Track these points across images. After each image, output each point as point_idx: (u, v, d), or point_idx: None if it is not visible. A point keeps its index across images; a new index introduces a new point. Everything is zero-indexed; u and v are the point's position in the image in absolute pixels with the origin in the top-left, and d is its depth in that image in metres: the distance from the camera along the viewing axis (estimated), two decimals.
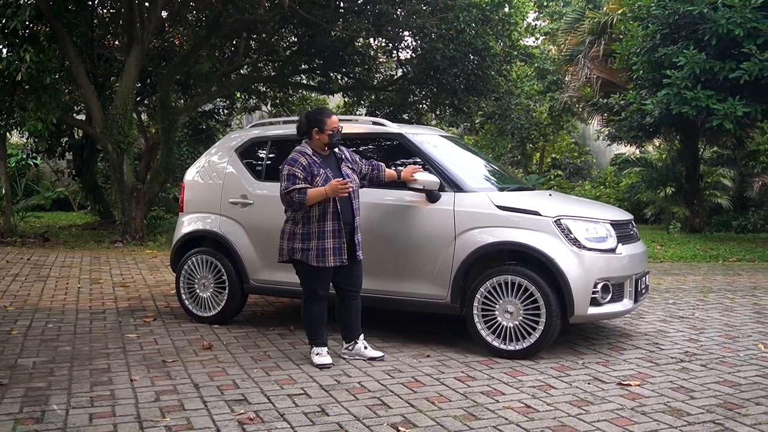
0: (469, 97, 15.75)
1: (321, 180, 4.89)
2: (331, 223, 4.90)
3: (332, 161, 5.07)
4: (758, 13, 10.86)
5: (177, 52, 16.52)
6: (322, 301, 5.06)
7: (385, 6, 13.88)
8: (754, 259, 11.10)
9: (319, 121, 4.98)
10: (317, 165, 4.96)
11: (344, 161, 5.11)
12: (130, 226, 13.08)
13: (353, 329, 5.15)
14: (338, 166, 5.07)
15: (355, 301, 5.13)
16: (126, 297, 7.51)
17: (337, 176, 4.96)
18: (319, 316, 5.05)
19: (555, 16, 22.84)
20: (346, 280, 5.08)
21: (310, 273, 4.99)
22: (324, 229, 4.90)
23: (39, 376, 4.65)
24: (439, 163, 5.59)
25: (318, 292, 5.02)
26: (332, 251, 4.90)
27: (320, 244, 4.88)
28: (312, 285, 5.03)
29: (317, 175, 4.91)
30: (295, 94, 22.19)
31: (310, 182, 4.89)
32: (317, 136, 5.00)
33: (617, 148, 22.84)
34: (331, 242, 4.90)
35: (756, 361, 5.11)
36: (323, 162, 5.00)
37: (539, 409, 4.05)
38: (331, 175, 4.94)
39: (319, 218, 4.91)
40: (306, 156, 4.98)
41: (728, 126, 11.26)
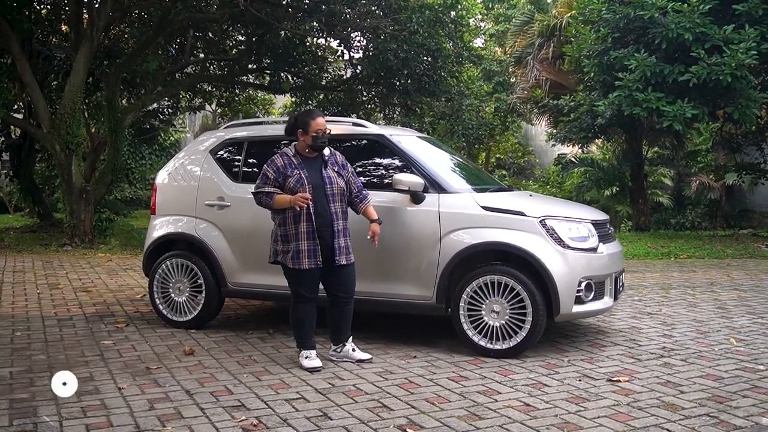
0: (421, 97, 15.84)
1: (293, 180, 4.86)
2: (304, 225, 4.85)
3: (315, 163, 5.00)
4: (706, 18, 11.27)
5: (122, 50, 16.10)
6: (309, 304, 5.00)
7: (337, 6, 13.85)
8: (704, 256, 11.51)
9: (304, 123, 4.94)
10: (293, 166, 4.92)
11: (331, 164, 5.04)
12: (79, 228, 12.69)
13: (342, 332, 5.11)
14: (321, 168, 5.00)
15: (346, 306, 5.07)
16: (91, 302, 7.28)
17: (316, 178, 4.92)
18: (307, 318, 5.00)
19: (500, 19, 23.20)
20: (336, 285, 5.03)
21: (291, 275, 4.96)
22: (297, 231, 4.86)
23: (20, 387, 4.47)
24: (421, 164, 5.61)
25: (303, 294, 4.97)
26: (306, 253, 4.85)
27: (296, 246, 4.85)
28: (296, 287, 4.98)
29: (290, 176, 4.88)
30: (242, 93, 21.94)
31: (281, 183, 4.88)
32: (302, 137, 4.97)
33: (560, 148, 23.38)
34: (305, 244, 4.85)
35: (731, 355, 5.29)
36: (303, 163, 4.95)
37: (539, 407, 4.11)
38: (306, 176, 4.89)
39: (294, 219, 4.87)
40: (285, 157, 4.97)
41: (677, 127, 11.64)
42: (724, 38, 11.19)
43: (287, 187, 4.86)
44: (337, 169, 5.05)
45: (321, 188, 4.92)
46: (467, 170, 6.41)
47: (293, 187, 4.85)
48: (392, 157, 5.80)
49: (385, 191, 5.50)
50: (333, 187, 4.95)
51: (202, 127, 29.71)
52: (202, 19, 14.87)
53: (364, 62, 15.58)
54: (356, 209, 5.15)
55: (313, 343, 5.04)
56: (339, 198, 4.98)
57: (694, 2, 11.26)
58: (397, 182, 5.33)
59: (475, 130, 17.57)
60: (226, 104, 21.90)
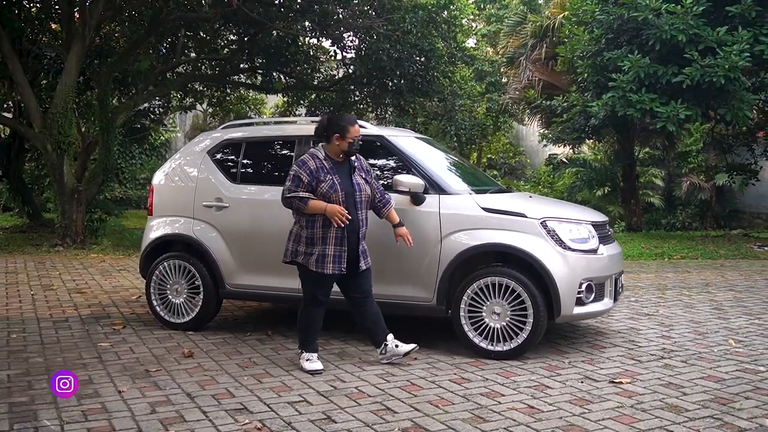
0: (414, 98, 15.83)
1: (327, 186, 4.81)
2: (334, 230, 4.82)
3: (344, 168, 4.97)
4: (699, 20, 11.31)
5: (113, 50, 16.00)
6: (321, 308, 4.99)
7: (330, 6, 13.81)
8: (698, 256, 11.56)
9: (342, 128, 4.88)
10: (325, 171, 4.86)
11: (358, 170, 5.00)
12: (71, 229, 12.58)
13: (377, 332, 5.07)
14: (350, 174, 4.96)
15: (366, 306, 5.06)
16: (86, 304, 7.22)
17: (347, 185, 4.89)
18: (316, 321, 4.99)
19: (492, 19, 23.21)
20: (354, 287, 5.02)
21: (311, 278, 4.92)
22: (327, 235, 4.83)
23: (18, 390, 4.42)
24: (421, 165, 5.60)
25: (318, 297, 4.95)
26: (332, 258, 4.83)
27: (321, 250, 4.82)
28: (312, 290, 4.96)
29: (323, 180, 4.82)
30: (233, 93, 21.86)
31: (314, 187, 4.81)
32: (337, 142, 4.90)
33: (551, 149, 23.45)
34: (332, 249, 4.83)
35: (731, 356, 5.31)
36: (333, 168, 4.90)
37: (543, 410, 4.10)
38: (338, 182, 4.85)
39: (324, 223, 4.84)
40: (316, 159, 4.89)
41: (671, 128, 11.69)
42: (718, 40, 11.24)
43: (319, 192, 4.80)
44: (363, 176, 5.01)
45: (351, 195, 4.89)
46: (466, 171, 6.40)
47: (326, 192, 4.79)
48: (391, 158, 5.79)
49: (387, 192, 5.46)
50: (362, 195, 4.93)
51: (192, 126, 29.57)
52: (194, 18, 14.80)
53: (357, 62, 15.56)
54: (379, 214, 5.14)
55: (316, 347, 5.02)
56: (365, 205, 4.97)
57: (687, 4, 11.30)
58: (398, 183, 5.31)
59: (467, 130, 17.59)
60: (217, 104, 21.82)
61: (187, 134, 30.08)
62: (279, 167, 6.14)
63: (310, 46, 17.72)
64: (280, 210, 5.78)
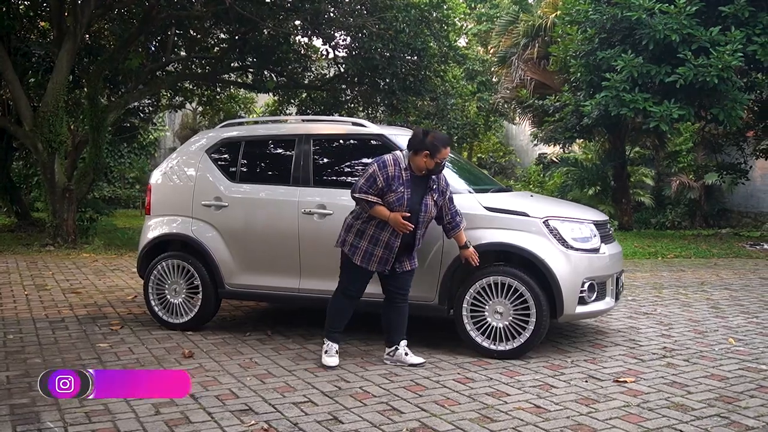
0: (407, 97, 15.81)
1: (395, 197, 4.77)
2: (388, 235, 4.82)
3: (421, 184, 4.90)
4: (693, 20, 11.36)
5: (103, 48, 15.87)
6: (352, 301, 5.03)
7: (321, 4, 13.77)
8: (691, 255, 11.61)
9: (435, 148, 4.81)
10: (400, 181, 4.80)
11: (433, 191, 4.94)
12: (62, 228, 12.49)
13: (398, 333, 5.06)
14: (424, 192, 4.90)
15: (400, 304, 5.06)
16: (81, 304, 7.15)
17: (415, 202, 4.84)
18: (345, 312, 5.05)
19: (483, 18, 23.25)
20: (394, 283, 5.03)
21: (351, 269, 4.94)
22: (379, 237, 4.84)
23: (18, 392, 4.37)
24: None
25: (351, 290, 4.99)
26: (378, 258, 4.86)
27: (369, 248, 4.84)
28: (349, 281, 4.98)
29: (394, 191, 4.78)
30: (223, 92, 21.76)
31: (384, 192, 4.78)
32: (424, 159, 4.84)
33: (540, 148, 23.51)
34: (381, 251, 4.85)
35: (732, 354, 5.32)
36: (410, 181, 4.84)
37: (550, 409, 4.09)
38: (408, 198, 4.80)
39: (379, 224, 4.84)
40: (397, 167, 4.83)
41: (664, 128, 11.74)
42: (711, 40, 11.30)
43: (386, 201, 4.78)
44: (436, 197, 4.95)
45: (416, 214, 4.86)
46: (466, 170, 6.39)
47: (392, 203, 4.76)
48: None
49: None
50: (426, 215, 4.90)
51: (182, 125, 29.42)
52: (185, 16, 14.71)
53: (349, 61, 15.52)
54: (448, 234, 5.10)
55: (338, 338, 5.06)
56: (426, 225, 4.96)
57: (681, 4, 11.35)
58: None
59: (459, 129, 17.60)
60: (207, 103, 21.71)
61: (176, 133, 29.93)
62: (279, 166, 6.12)
63: (300, 45, 17.68)
64: (280, 209, 5.81)
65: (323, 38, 15.79)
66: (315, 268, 5.63)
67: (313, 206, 5.65)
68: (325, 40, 15.94)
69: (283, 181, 5.89)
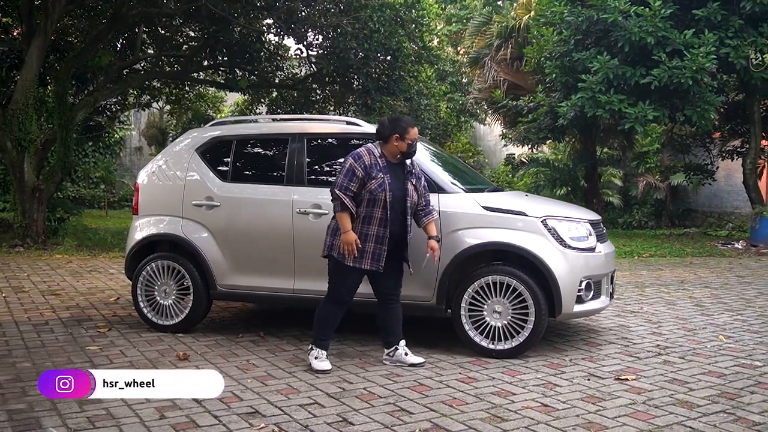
0: (381, 97, 15.79)
1: (376, 183, 4.75)
2: (375, 228, 4.79)
3: (398, 171, 4.92)
4: (667, 22, 11.54)
5: (70, 45, 15.54)
6: (343, 307, 4.95)
7: (295, 3, 13.68)
8: (666, 254, 11.80)
9: (403, 129, 4.84)
10: (379, 168, 4.80)
11: (411, 176, 4.96)
12: (31, 228, 12.20)
13: (395, 334, 5.03)
14: (404, 178, 4.92)
15: (394, 305, 5.03)
16: (63, 306, 6.97)
17: (397, 187, 4.85)
18: (333, 318, 4.95)
19: (453, 19, 23.33)
20: (384, 284, 4.98)
21: (342, 272, 4.86)
22: (367, 232, 4.79)
23: (13, 397, 4.24)
24: (419, 164, 5.54)
25: (342, 294, 4.90)
26: (370, 255, 4.80)
27: (362, 246, 4.77)
28: (339, 286, 4.90)
29: (374, 177, 4.76)
30: (192, 90, 21.49)
31: (365, 182, 4.75)
32: (396, 142, 4.85)
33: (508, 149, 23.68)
34: (372, 246, 4.79)
35: (725, 352, 5.40)
36: (387, 167, 4.84)
37: (558, 408, 4.10)
38: (389, 182, 4.79)
39: (364, 220, 4.80)
40: (372, 156, 4.83)
41: (639, 129, 11.90)
42: (685, 42, 11.49)
43: (368, 189, 4.74)
44: (415, 182, 4.97)
45: (401, 200, 4.85)
46: (460, 170, 6.39)
47: (374, 190, 4.74)
48: None
49: None
50: (411, 201, 4.90)
51: (148, 124, 28.99)
52: (155, 13, 14.47)
53: (323, 60, 15.44)
54: (419, 222, 5.06)
55: (328, 345, 4.97)
56: (412, 212, 4.94)
57: (655, 6, 11.52)
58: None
59: (432, 129, 17.63)
60: (175, 101, 21.41)
61: (143, 132, 29.46)
62: (271, 165, 6.04)
63: (271, 43, 17.53)
64: (274, 209, 5.74)
65: (296, 37, 15.68)
66: (310, 268, 5.55)
67: (308, 206, 5.58)
68: (298, 39, 15.84)
69: (277, 181, 5.82)
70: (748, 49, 11.66)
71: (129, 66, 16.39)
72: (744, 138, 16.28)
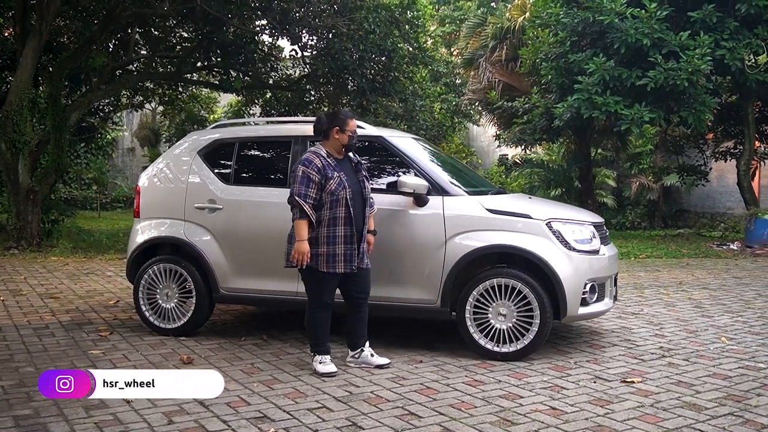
0: (377, 98, 15.79)
1: (335, 183, 4.74)
2: (342, 228, 4.77)
3: (347, 166, 4.93)
4: (663, 24, 11.58)
5: (63, 45, 15.46)
6: (327, 309, 4.91)
7: (291, 4, 13.67)
8: (662, 255, 11.84)
9: (342, 121, 4.86)
10: (331, 167, 4.80)
11: (359, 167, 4.98)
12: (26, 231, 12.15)
13: (359, 336, 5.02)
14: (355, 171, 4.94)
15: (364, 307, 5.01)
16: (63, 310, 6.93)
17: (353, 180, 4.87)
18: (324, 323, 4.90)
19: (446, 20, 23.36)
20: (355, 286, 4.95)
21: (318, 279, 4.83)
22: (335, 234, 4.77)
23: (18, 402, 4.20)
24: (423, 167, 5.54)
25: (324, 299, 4.87)
26: (342, 257, 4.78)
27: (330, 250, 4.74)
28: (318, 292, 4.86)
29: (331, 178, 4.75)
30: (185, 91, 21.44)
31: (323, 185, 4.73)
32: (337, 135, 4.86)
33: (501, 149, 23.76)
34: (342, 248, 4.77)
35: (728, 354, 5.42)
36: (338, 165, 4.85)
37: (566, 411, 4.10)
38: (345, 179, 4.80)
39: (329, 222, 4.77)
40: (321, 157, 4.82)
41: (635, 130, 11.94)
42: (680, 44, 11.53)
43: (327, 190, 4.72)
44: (365, 174, 5.00)
45: (359, 193, 4.86)
46: (463, 172, 6.39)
47: (334, 189, 4.72)
48: (390, 159, 5.73)
49: (389, 194, 5.40)
50: (366, 192, 4.92)
51: (140, 125, 28.90)
52: (150, 14, 14.42)
53: (319, 61, 15.43)
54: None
55: (328, 348, 4.94)
56: (368, 202, 4.95)
57: (652, 9, 11.56)
58: (402, 184, 5.25)
59: (428, 130, 17.64)
60: (168, 102, 21.36)
61: (135, 133, 29.39)
62: (274, 168, 6.04)
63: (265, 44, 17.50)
64: (276, 211, 5.69)
65: (291, 38, 15.66)
66: None
67: None
68: (293, 40, 15.82)
69: (280, 183, 5.80)
70: (743, 51, 11.72)
71: (122, 67, 16.33)
72: (737, 139, 16.39)
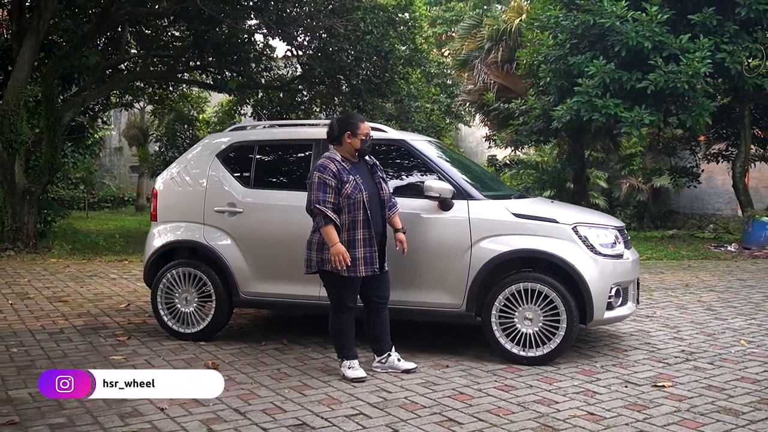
0: (372, 98, 15.77)
1: (350, 187, 4.72)
2: (361, 232, 4.74)
3: (363, 169, 4.92)
4: (664, 27, 11.65)
5: (56, 44, 15.27)
6: (351, 313, 4.88)
7: (287, 5, 13.61)
8: (662, 257, 11.91)
9: (354, 125, 4.84)
10: (347, 171, 4.78)
11: (376, 169, 4.97)
12: (22, 232, 11.98)
13: (384, 341, 5.00)
14: (371, 173, 4.92)
15: (384, 312, 4.98)
16: (74, 314, 6.83)
17: (370, 184, 4.85)
18: (349, 328, 4.87)
19: (439, 21, 23.36)
20: (374, 291, 4.93)
21: (341, 284, 4.80)
22: (354, 238, 4.74)
23: (50, 410, 4.13)
24: (447, 170, 5.52)
25: (347, 303, 4.84)
26: (363, 261, 4.75)
27: (351, 253, 4.70)
28: (341, 297, 4.83)
29: (347, 182, 4.73)
30: (176, 91, 21.28)
31: (339, 189, 4.71)
32: (349, 140, 4.83)
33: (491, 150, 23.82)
34: (362, 251, 4.74)
35: (751, 357, 5.45)
36: (353, 168, 4.83)
37: (605, 416, 4.10)
38: (361, 182, 4.78)
39: (349, 227, 4.74)
40: (335, 162, 4.79)
41: (635, 133, 12.00)
42: (681, 47, 11.60)
43: (344, 194, 4.70)
44: (381, 175, 4.97)
45: (376, 195, 4.85)
46: (485, 176, 6.40)
47: (351, 193, 4.70)
48: (412, 163, 5.71)
49: (414, 198, 5.38)
50: (384, 194, 4.90)
51: (128, 124, 28.64)
52: (144, 13, 14.30)
53: (314, 61, 15.37)
54: (387, 216, 5.03)
55: (356, 352, 4.91)
56: (387, 205, 4.92)
57: (652, 12, 11.62)
58: (428, 189, 5.23)
59: (423, 132, 17.64)
60: (158, 102, 21.19)
61: (123, 132, 29.11)
62: (295, 171, 6.00)
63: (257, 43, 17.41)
64: (297, 214, 5.63)
65: (286, 39, 15.59)
66: None
67: None
68: (288, 40, 15.75)
69: (301, 186, 5.72)
70: (743, 55, 11.82)
71: (114, 66, 16.18)
72: (729, 141, 16.55)
